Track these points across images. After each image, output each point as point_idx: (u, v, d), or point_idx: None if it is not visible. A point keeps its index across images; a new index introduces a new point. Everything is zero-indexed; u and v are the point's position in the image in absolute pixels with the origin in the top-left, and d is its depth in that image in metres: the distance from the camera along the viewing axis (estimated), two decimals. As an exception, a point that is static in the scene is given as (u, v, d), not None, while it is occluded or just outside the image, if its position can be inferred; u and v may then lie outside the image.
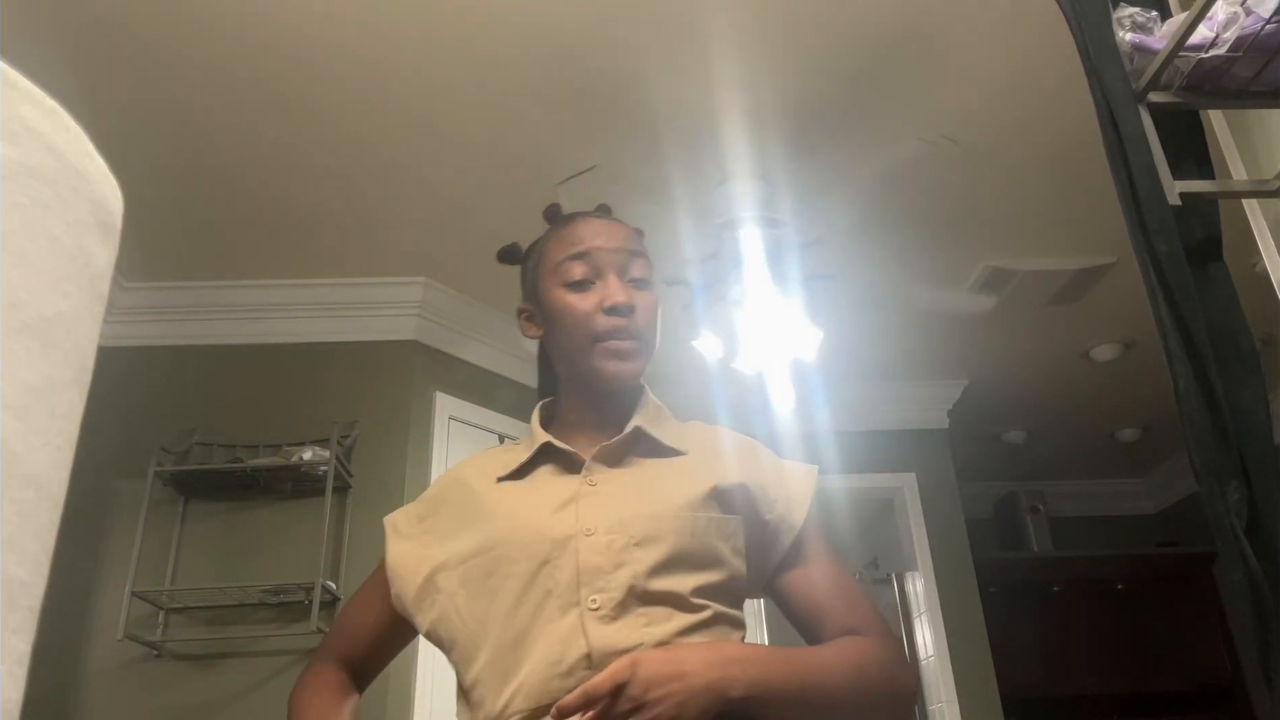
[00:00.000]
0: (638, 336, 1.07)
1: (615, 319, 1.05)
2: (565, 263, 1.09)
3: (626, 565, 0.94)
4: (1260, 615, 1.02)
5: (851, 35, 2.25)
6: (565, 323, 1.08)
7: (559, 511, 1.00)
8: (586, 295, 1.07)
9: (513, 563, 0.96)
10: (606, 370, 1.06)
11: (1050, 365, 3.89)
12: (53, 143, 0.39)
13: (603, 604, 0.92)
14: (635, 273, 1.09)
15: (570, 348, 1.09)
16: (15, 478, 0.34)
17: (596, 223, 1.12)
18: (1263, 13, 1.13)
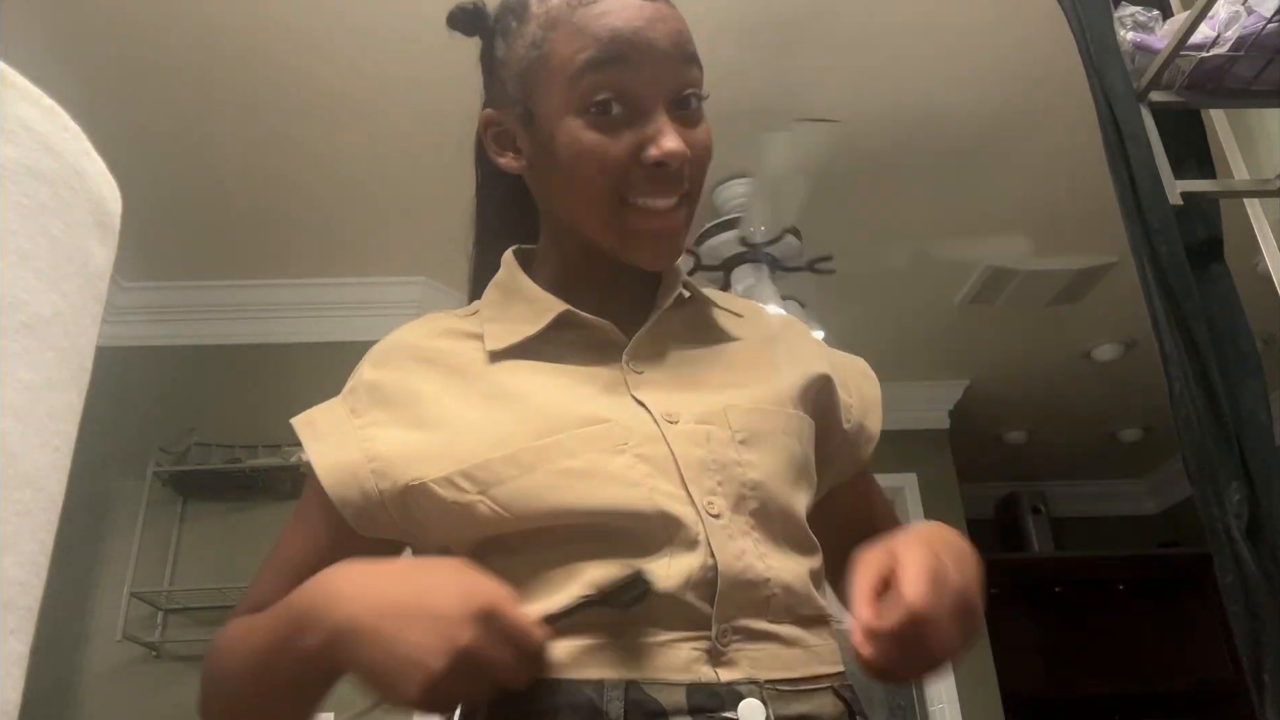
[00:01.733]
0: (688, 199, 0.74)
1: (659, 178, 0.70)
2: (584, 72, 0.69)
3: (735, 466, 0.68)
4: (1253, 616, 1.02)
5: (850, 33, 2.25)
6: (581, 172, 0.71)
7: (611, 396, 0.71)
8: (617, 134, 0.70)
9: (569, 455, 0.66)
10: (642, 254, 0.73)
11: (1051, 365, 3.89)
12: (51, 142, 0.39)
13: (721, 512, 0.66)
14: (688, 90, 0.72)
15: (582, 208, 0.73)
16: (13, 478, 0.34)
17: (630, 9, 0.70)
18: (1264, 12, 1.12)
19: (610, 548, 0.64)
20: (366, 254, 3.00)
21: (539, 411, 0.69)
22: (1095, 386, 4.05)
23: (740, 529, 0.66)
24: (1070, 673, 4.38)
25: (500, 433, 0.68)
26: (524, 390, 0.71)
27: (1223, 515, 1.06)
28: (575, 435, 0.67)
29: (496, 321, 0.77)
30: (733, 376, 0.75)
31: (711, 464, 0.68)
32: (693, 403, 0.71)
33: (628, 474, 0.66)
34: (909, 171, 2.71)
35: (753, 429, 0.70)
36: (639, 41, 0.69)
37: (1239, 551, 1.04)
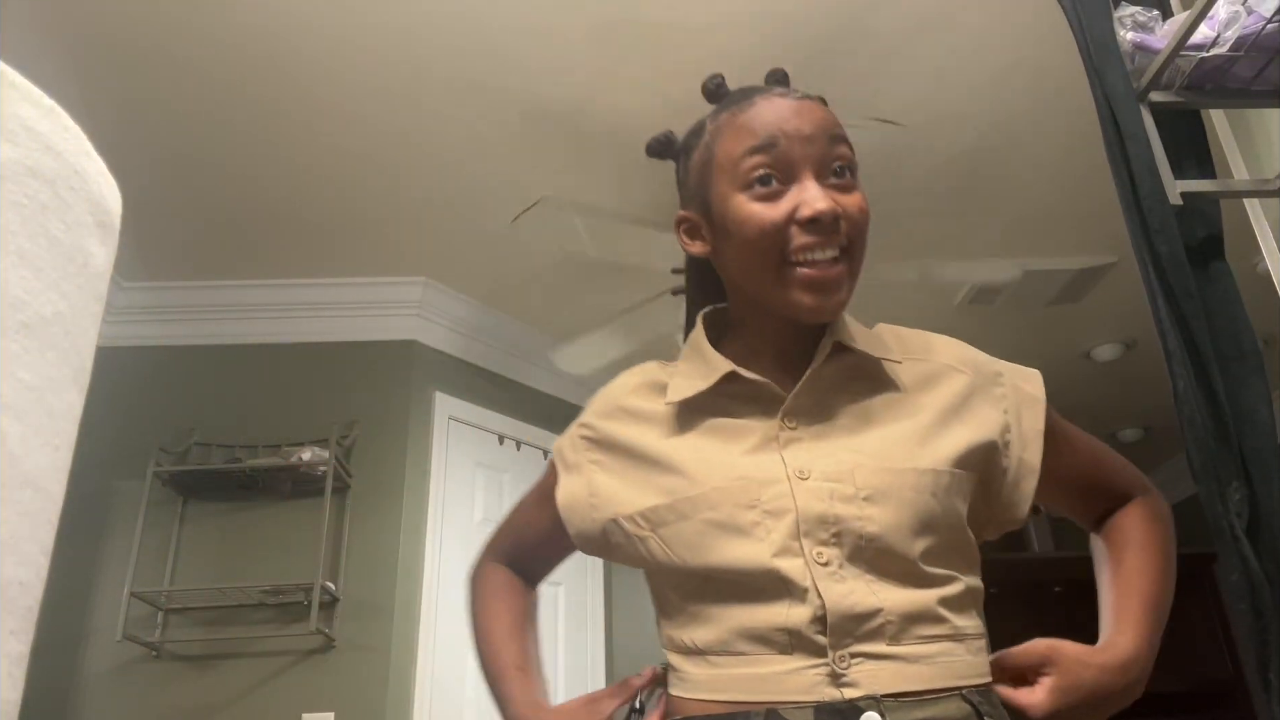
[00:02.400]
0: (847, 256, 0.83)
1: (814, 233, 0.81)
2: (745, 157, 0.84)
3: (855, 520, 0.78)
4: (1258, 615, 1.02)
5: (851, 33, 2.25)
6: (747, 238, 0.83)
7: (757, 453, 0.83)
8: (776, 203, 0.82)
9: (712, 507, 0.80)
10: (804, 304, 0.82)
11: (1051, 365, 3.84)
12: (52, 143, 0.39)
13: (830, 559, 0.77)
14: (838, 166, 0.84)
15: (754, 271, 0.85)
16: (14, 478, 0.34)
17: (783, 102, 0.85)
18: (1264, 12, 1.12)
19: (745, 594, 0.79)
20: (366, 254, 3.00)
21: (698, 465, 0.84)
22: (1095, 386, 4.05)
23: (852, 572, 0.77)
24: (1070, 673, 4.38)
25: (669, 483, 0.84)
26: (691, 443, 0.86)
27: (1226, 514, 1.06)
28: (719, 490, 0.81)
29: (680, 376, 0.91)
30: (876, 432, 0.84)
31: (830, 518, 0.78)
32: (828, 458, 0.81)
33: (754, 529, 0.79)
34: (911, 172, 2.71)
35: (877, 487, 0.79)
36: (787, 127, 0.84)
37: (1244, 550, 1.04)
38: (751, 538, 0.78)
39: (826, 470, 0.80)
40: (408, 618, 2.78)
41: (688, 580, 0.82)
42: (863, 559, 0.77)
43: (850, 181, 0.85)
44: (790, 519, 0.78)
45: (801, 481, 0.80)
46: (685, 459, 0.84)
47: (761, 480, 0.80)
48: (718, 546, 0.79)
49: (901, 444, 0.82)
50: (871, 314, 0.97)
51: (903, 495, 0.79)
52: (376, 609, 2.76)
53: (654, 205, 2.78)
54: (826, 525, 0.78)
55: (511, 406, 3.35)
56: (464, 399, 3.21)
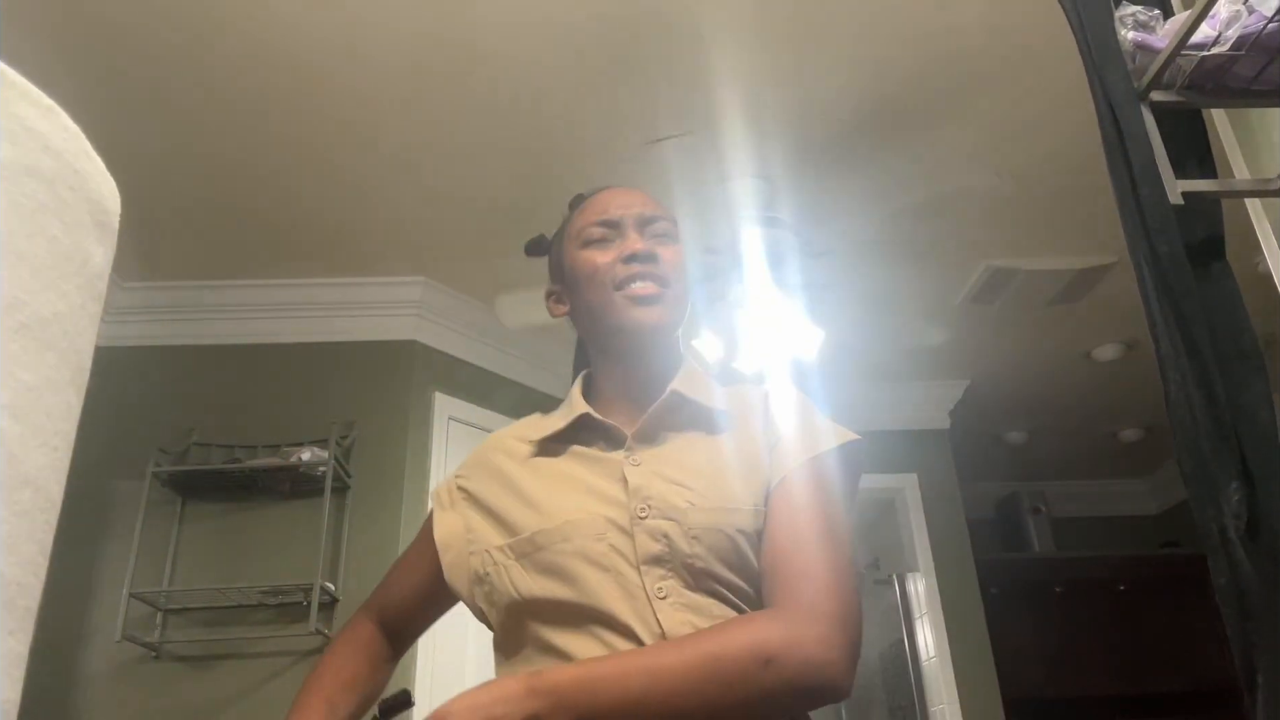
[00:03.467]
0: (661, 282, 1.02)
1: (635, 265, 1.02)
2: (586, 227, 1.07)
3: (687, 556, 0.90)
4: (1246, 617, 1.02)
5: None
6: (585, 278, 1.04)
7: (605, 490, 0.96)
8: (606, 250, 1.04)
9: (564, 539, 0.92)
10: (630, 318, 1.01)
11: (1051, 365, 3.89)
12: (51, 142, 0.38)
13: (669, 592, 0.90)
14: (657, 229, 1.06)
15: (593, 305, 1.04)
16: (12, 479, 0.34)
17: (616, 189, 1.10)
18: (1265, 11, 1.12)
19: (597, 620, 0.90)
20: (366, 254, 3.00)
21: (551, 499, 0.98)
22: (1095, 386, 4.05)
23: (686, 601, 0.90)
24: (1070, 673, 4.38)
25: (530, 517, 0.97)
26: (549, 479, 1.01)
27: (1218, 516, 1.06)
28: (570, 524, 0.94)
29: (545, 420, 1.08)
30: (709, 470, 0.98)
31: (665, 556, 0.91)
32: (666, 494, 0.94)
33: (601, 560, 0.91)
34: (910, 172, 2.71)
35: (706, 524, 0.92)
36: (616, 201, 1.08)
37: (1233, 553, 1.03)
38: (600, 567, 0.91)
39: (663, 508, 0.93)
40: (408, 618, 2.78)
41: (544, 608, 0.92)
42: (698, 588, 0.90)
43: (667, 241, 1.07)
44: (633, 555, 0.91)
45: (641, 520, 0.93)
46: (544, 495, 0.98)
47: (608, 517, 0.93)
48: (574, 572, 0.91)
49: (724, 485, 0.96)
50: (874, 314, 0.98)
51: (724, 532, 0.92)
52: (376, 609, 2.75)
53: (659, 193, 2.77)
54: (663, 563, 0.91)
55: (511, 406, 3.35)
56: (464, 399, 3.21)
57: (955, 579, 3.83)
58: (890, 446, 3.95)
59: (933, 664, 3.75)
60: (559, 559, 0.92)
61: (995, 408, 4.24)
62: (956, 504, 3.98)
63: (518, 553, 0.95)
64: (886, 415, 3.99)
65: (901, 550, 4.00)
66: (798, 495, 0.94)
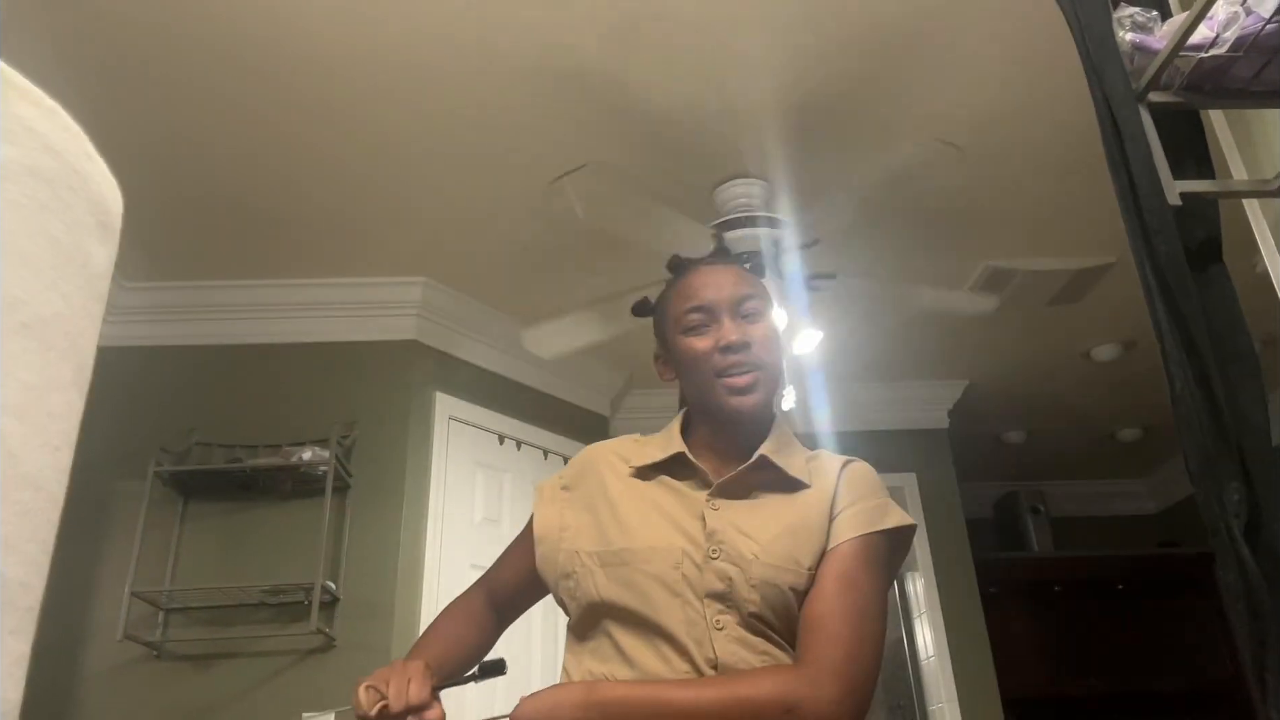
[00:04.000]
0: (756, 367, 1.15)
1: (731, 356, 1.15)
2: (685, 314, 1.20)
3: (747, 601, 1.05)
4: (1256, 616, 1.02)
5: (854, 36, 2.25)
6: (689, 364, 1.18)
7: (686, 526, 1.11)
8: (704, 337, 1.17)
9: (645, 561, 1.07)
10: (729, 405, 1.15)
11: (1051, 365, 3.89)
12: (52, 143, 0.39)
13: (726, 625, 1.04)
14: (747, 309, 1.19)
15: (697, 386, 1.19)
16: (14, 478, 0.34)
17: (708, 271, 1.22)
18: (1263, 12, 1.12)
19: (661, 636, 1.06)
20: (366, 254, 3.00)
21: (641, 524, 1.12)
22: (1095, 386, 4.05)
23: (738, 636, 1.05)
24: (1070, 672, 4.38)
25: (618, 532, 1.12)
26: (640, 502, 1.15)
27: (1223, 514, 1.06)
28: (653, 549, 1.09)
29: (645, 447, 1.23)
30: (776, 528, 1.10)
31: (726, 595, 1.06)
32: (736, 543, 1.08)
33: (673, 585, 1.06)
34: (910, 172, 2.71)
35: (765, 578, 1.06)
36: (710, 287, 1.20)
37: (1240, 551, 1.04)
38: (671, 592, 1.05)
39: (733, 554, 1.07)
40: (408, 618, 2.78)
41: (618, 613, 1.07)
42: (748, 625, 1.05)
43: (757, 320, 1.19)
44: (700, 588, 1.06)
45: (713, 560, 1.07)
46: (636, 518, 1.12)
47: (685, 550, 1.08)
48: (647, 590, 1.06)
49: (788, 543, 1.09)
50: (874, 314, 0.98)
51: (781, 588, 1.06)
52: (376, 609, 2.76)
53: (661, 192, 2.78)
54: (725, 600, 1.05)
55: (511, 406, 3.35)
56: (464, 399, 3.22)
57: (954, 578, 3.83)
58: (889, 446, 3.96)
59: (932, 663, 3.75)
60: (638, 577, 1.07)
61: (994, 407, 4.24)
62: (955, 503, 3.98)
63: (604, 561, 1.10)
64: (886, 415, 3.99)
65: (901, 550, 3.99)
66: (846, 566, 1.09)
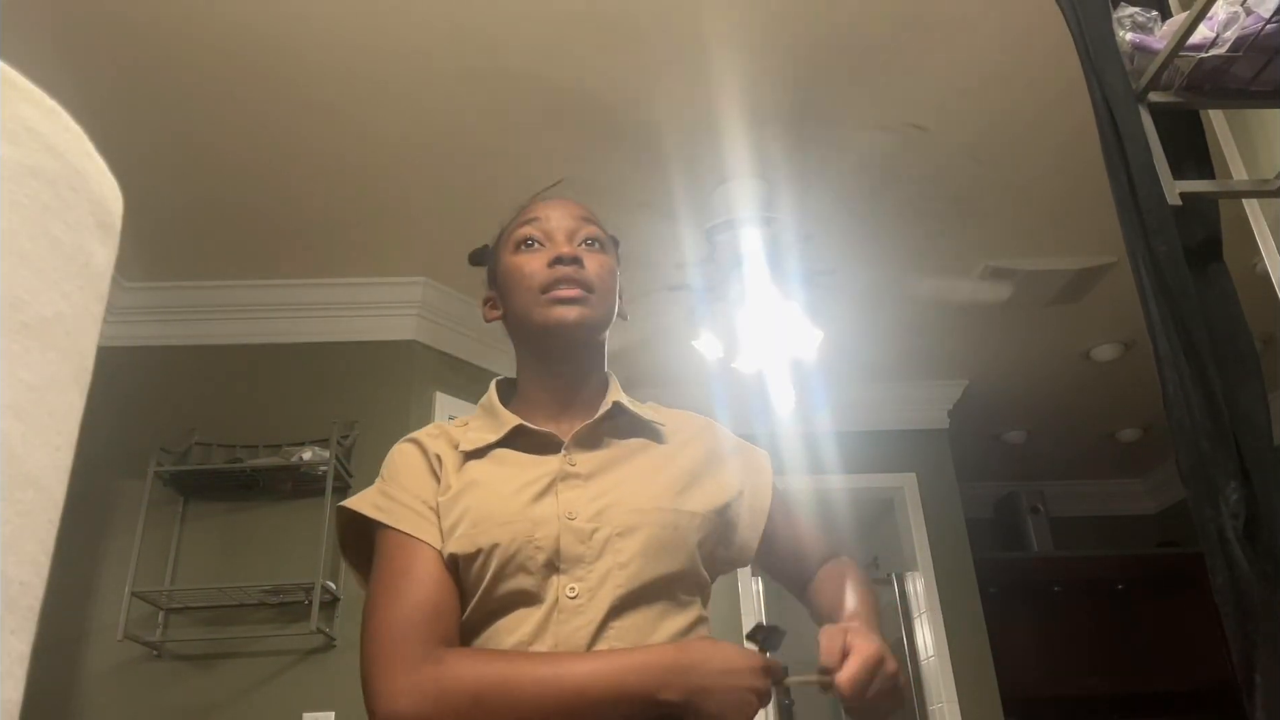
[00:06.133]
0: (587, 287, 1.04)
1: (560, 268, 1.04)
2: (518, 230, 1.10)
3: (606, 556, 0.94)
4: (1245, 616, 1.02)
5: (849, 35, 2.25)
6: (515, 282, 1.06)
7: (539, 494, 0.97)
8: (535, 254, 1.07)
9: (497, 542, 0.93)
10: (551, 317, 1.03)
11: (1050, 365, 3.89)
12: (53, 143, 0.39)
13: (580, 593, 0.92)
14: (586, 235, 1.09)
15: (520, 307, 1.06)
16: (15, 478, 0.34)
17: (552, 198, 1.14)
18: (1263, 12, 1.13)
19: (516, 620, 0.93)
20: (366, 254, 3.00)
21: (484, 502, 0.97)
22: (1095, 386, 4.05)
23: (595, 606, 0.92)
24: (1069, 672, 4.38)
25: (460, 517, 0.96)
26: (480, 484, 0.99)
27: (1216, 516, 1.06)
28: (505, 526, 0.94)
29: (471, 431, 1.06)
30: (641, 473, 1.02)
31: (586, 556, 0.94)
32: (596, 498, 0.97)
33: (526, 562, 0.93)
34: (910, 171, 2.71)
35: (629, 523, 0.95)
36: (548, 209, 1.11)
37: (1231, 552, 1.04)
38: (524, 570, 0.93)
39: (592, 510, 0.96)
40: (408, 617, 2.78)
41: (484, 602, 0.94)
42: (613, 587, 0.93)
43: (598, 250, 1.09)
44: (555, 556, 0.93)
45: (569, 521, 0.95)
46: (475, 498, 0.97)
47: (536, 519, 0.95)
48: (498, 571, 0.93)
49: (655, 488, 1.00)
50: (873, 313, 0.98)
51: (649, 530, 0.95)
52: (376, 609, 2.75)
53: (658, 196, 2.78)
54: (584, 564, 0.93)
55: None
56: (464, 399, 3.21)
57: (954, 578, 3.83)
58: (889, 446, 3.96)
59: (931, 663, 3.75)
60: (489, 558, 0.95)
61: (994, 407, 4.24)
62: (955, 503, 3.98)
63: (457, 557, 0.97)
64: (886, 415, 3.99)
65: (900, 550, 4.00)
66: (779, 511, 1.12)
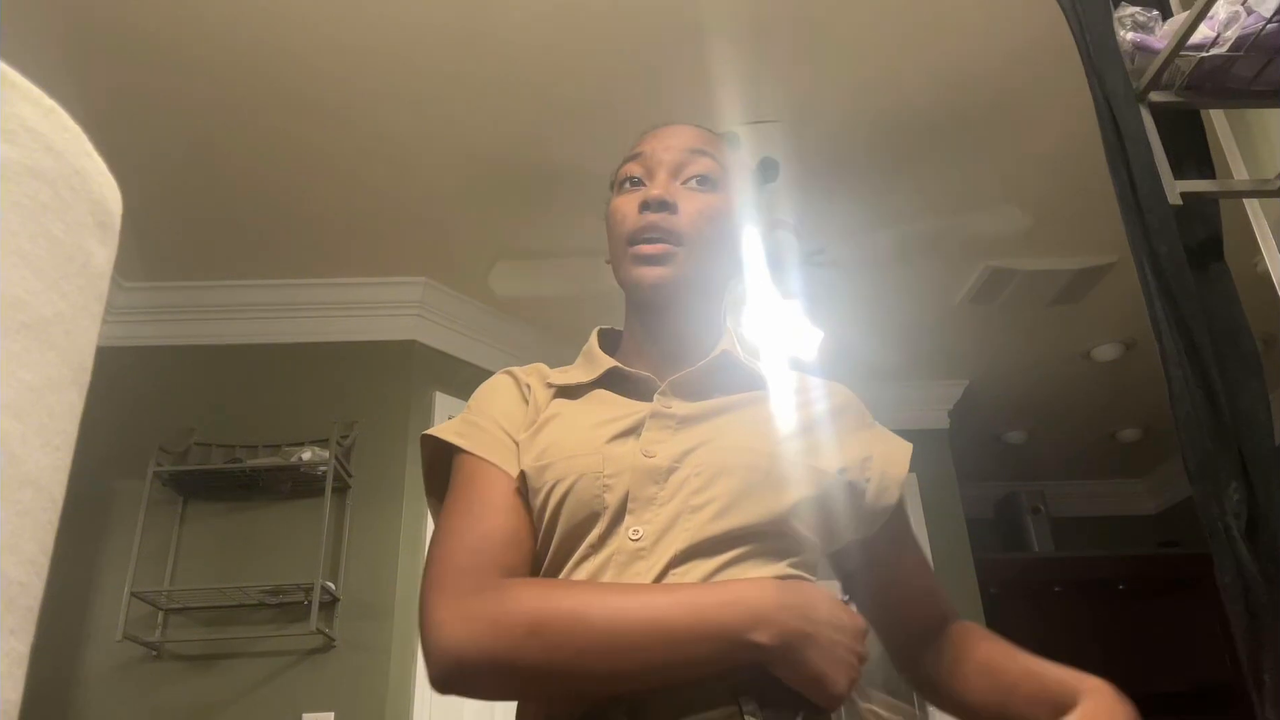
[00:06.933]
0: (674, 239, 0.90)
1: (647, 215, 0.91)
2: (623, 165, 0.97)
3: (679, 498, 0.82)
4: (1253, 616, 1.02)
5: (851, 33, 2.25)
6: (610, 228, 0.95)
7: (621, 432, 0.87)
8: (634, 195, 0.94)
9: (563, 476, 0.84)
10: (632, 276, 0.92)
11: (1051, 365, 3.89)
12: (52, 142, 0.39)
13: (645, 536, 0.81)
14: (694, 171, 0.94)
15: (614, 258, 0.95)
16: (14, 478, 0.34)
17: (661, 127, 0.99)
18: (1264, 12, 1.12)
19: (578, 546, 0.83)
20: (366, 254, 3.00)
21: (561, 435, 0.88)
22: (1095, 386, 4.05)
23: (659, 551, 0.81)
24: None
25: (537, 452, 0.87)
26: (562, 418, 0.90)
27: (1222, 515, 1.06)
28: (575, 460, 0.85)
29: (566, 373, 0.97)
30: (738, 423, 0.89)
31: (659, 497, 0.83)
32: (682, 440, 0.86)
33: (592, 501, 0.83)
34: (910, 171, 2.71)
35: (716, 465, 0.84)
36: (656, 141, 0.97)
37: (1238, 551, 1.04)
38: (591, 506, 0.83)
39: (674, 452, 0.85)
40: (408, 618, 2.78)
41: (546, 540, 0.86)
42: (681, 532, 0.81)
43: (704, 189, 0.94)
44: (625, 494, 0.82)
45: (648, 459, 0.84)
46: (559, 431, 0.89)
47: (611, 456, 0.85)
48: (569, 503, 0.83)
49: (754, 433, 0.88)
50: (873, 313, 0.98)
51: (737, 474, 0.83)
52: (376, 609, 2.76)
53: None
54: (655, 505, 0.82)
55: (511, 406, 3.35)
56: (464, 399, 3.20)
57: (954, 579, 3.83)
58: (890, 446, 3.95)
59: (932, 664, 3.74)
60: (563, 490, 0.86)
61: (995, 408, 4.24)
62: (956, 504, 3.98)
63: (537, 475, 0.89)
64: (886, 415, 3.93)
65: (901, 550, 3.99)
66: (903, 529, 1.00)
